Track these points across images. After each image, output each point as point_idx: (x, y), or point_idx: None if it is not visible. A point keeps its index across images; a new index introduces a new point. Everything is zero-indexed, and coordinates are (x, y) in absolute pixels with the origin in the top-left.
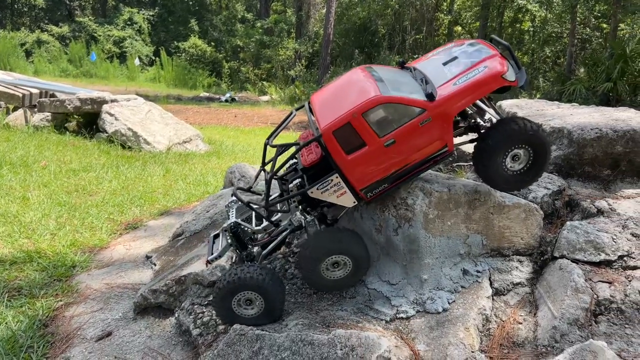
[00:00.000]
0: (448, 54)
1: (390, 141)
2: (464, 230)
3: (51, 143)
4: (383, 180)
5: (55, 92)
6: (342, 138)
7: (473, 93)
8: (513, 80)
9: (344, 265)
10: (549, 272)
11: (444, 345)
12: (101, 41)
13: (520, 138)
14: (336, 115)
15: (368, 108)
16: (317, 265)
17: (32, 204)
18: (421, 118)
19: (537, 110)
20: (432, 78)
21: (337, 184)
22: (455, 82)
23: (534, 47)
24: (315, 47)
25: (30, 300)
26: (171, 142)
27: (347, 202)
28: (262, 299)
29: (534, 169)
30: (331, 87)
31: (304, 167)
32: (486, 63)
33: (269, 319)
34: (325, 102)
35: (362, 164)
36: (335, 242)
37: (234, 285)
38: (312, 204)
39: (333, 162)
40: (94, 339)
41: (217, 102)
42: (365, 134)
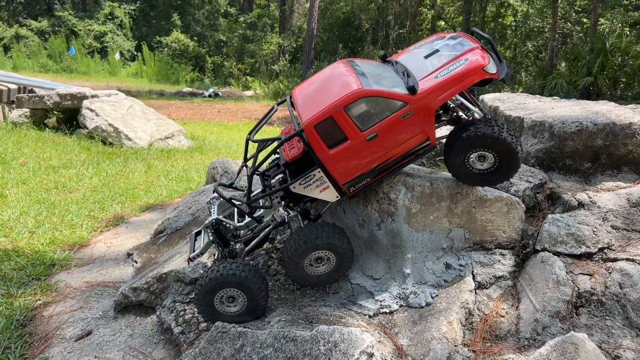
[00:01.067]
0: (429, 47)
1: (372, 135)
2: (447, 224)
3: (30, 139)
4: (366, 174)
5: (34, 88)
6: (324, 132)
7: (455, 86)
8: (494, 72)
9: (328, 261)
10: (530, 265)
11: (427, 340)
12: (82, 36)
13: (481, 143)
14: (318, 109)
15: (350, 102)
16: (301, 260)
17: (10, 201)
18: (403, 111)
19: (519, 104)
20: (414, 71)
21: (319, 178)
22: (437, 75)
23: (516, 41)
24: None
25: (8, 300)
26: (153, 138)
27: (330, 196)
28: (245, 296)
29: (500, 172)
30: (313, 81)
31: (286, 162)
32: (467, 56)
33: (251, 316)
34: (307, 96)
35: (345, 158)
36: (319, 237)
37: (216, 282)
38: (295, 199)
39: (315, 156)
40: (74, 339)
41: (200, 98)
42: (347, 128)
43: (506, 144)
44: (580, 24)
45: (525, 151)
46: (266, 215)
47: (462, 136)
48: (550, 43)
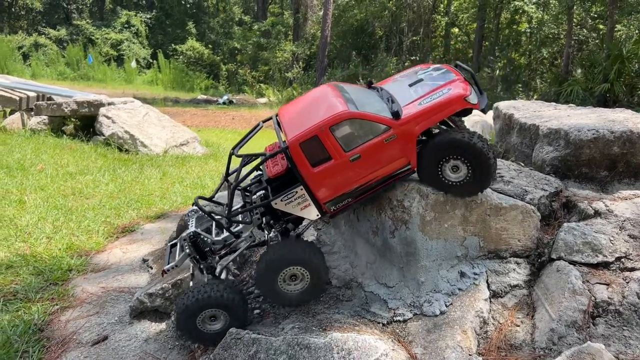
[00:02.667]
0: (414, 76)
1: (355, 156)
2: (461, 232)
3: (48, 146)
4: (347, 194)
5: (52, 95)
6: (308, 150)
7: (437, 113)
8: (475, 103)
9: (302, 279)
10: (546, 274)
11: (441, 349)
12: (98, 44)
13: (452, 151)
14: (304, 128)
15: (335, 122)
16: (275, 277)
17: (29, 207)
18: (386, 135)
19: (534, 112)
20: (398, 98)
21: (301, 196)
22: (420, 102)
23: (530, 48)
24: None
25: (26, 305)
26: (168, 145)
27: (311, 214)
28: (227, 314)
29: (475, 181)
30: (299, 102)
31: (269, 178)
32: (450, 86)
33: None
34: (294, 116)
35: (327, 177)
36: (291, 252)
37: (198, 305)
38: (275, 216)
39: (298, 174)
40: (90, 344)
41: (215, 105)
42: (332, 148)
43: (477, 150)
44: (596, 30)
45: (540, 159)
46: (245, 231)
47: (432, 144)
48: (566, 50)
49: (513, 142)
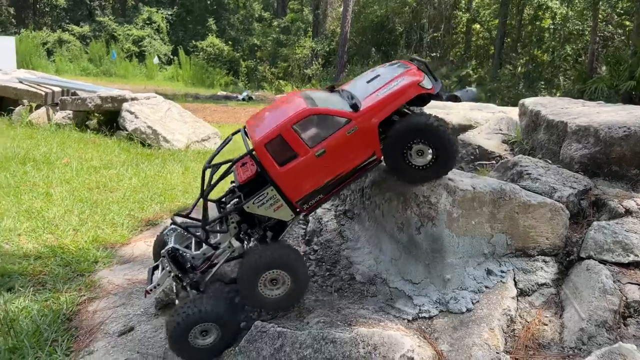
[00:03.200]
0: (372, 73)
1: (320, 151)
2: (488, 229)
3: (73, 140)
4: (318, 190)
5: (77, 91)
6: (274, 150)
7: (394, 101)
8: (430, 87)
9: (283, 283)
10: (575, 273)
11: (467, 346)
12: (121, 40)
13: (415, 134)
14: (267, 129)
15: (297, 120)
16: (255, 280)
17: (55, 200)
18: (348, 127)
19: (562, 108)
20: (358, 94)
21: (272, 197)
22: (378, 93)
23: (554, 44)
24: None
25: (55, 295)
26: (190, 140)
27: (285, 215)
28: (219, 329)
29: (439, 163)
30: (265, 110)
31: (240, 184)
32: (404, 76)
33: (225, 344)
34: (259, 123)
35: (296, 175)
36: (272, 254)
37: (190, 320)
38: (252, 223)
39: (267, 174)
40: (117, 334)
41: (234, 101)
42: (296, 145)
43: (438, 131)
44: (622, 27)
45: (568, 156)
46: (223, 242)
47: (394, 130)
48: (591, 46)
49: (540, 139)
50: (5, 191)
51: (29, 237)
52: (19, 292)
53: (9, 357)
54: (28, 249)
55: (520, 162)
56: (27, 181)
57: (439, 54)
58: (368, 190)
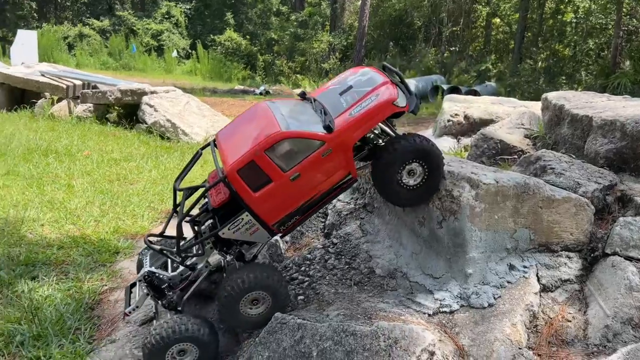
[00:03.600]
0: (344, 83)
1: (295, 175)
2: (512, 224)
3: (93, 133)
4: (293, 212)
5: (97, 84)
6: (247, 176)
7: (368, 122)
8: (404, 106)
9: (263, 302)
10: (600, 270)
11: (489, 341)
12: (140, 34)
13: (412, 153)
14: (239, 154)
15: (269, 144)
16: (236, 304)
17: (77, 191)
18: (322, 150)
19: (586, 102)
20: (330, 109)
21: (248, 222)
22: (351, 112)
23: (576, 39)
24: (350, 39)
25: (77, 284)
26: (208, 133)
27: (262, 238)
28: (198, 349)
29: (430, 181)
30: (235, 124)
31: (214, 207)
32: (378, 91)
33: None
34: (229, 140)
35: (270, 200)
36: (252, 278)
37: (168, 340)
38: (228, 243)
39: (241, 200)
40: (138, 323)
41: (252, 95)
42: (270, 170)
43: (433, 150)
44: None
45: (593, 151)
46: (199, 262)
47: (393, 150)
48: (615, 40)
49: (563, 133)
50: (28, 182)
51: (52, 227)
52: (42, 280)
53: (34, 344)
54: (51, 238)
55: (543, 156)
56: (49, 173)
57: (458, 48)
58: None
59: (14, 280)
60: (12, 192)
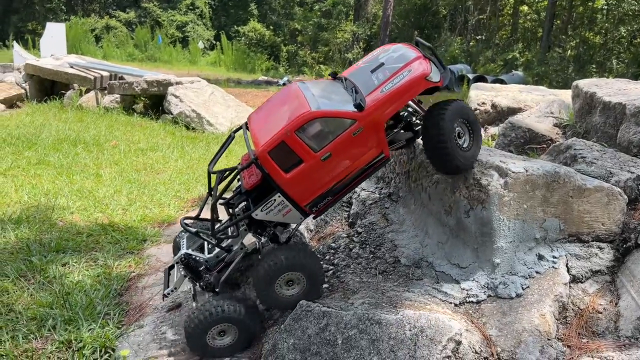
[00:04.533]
0: (375, 60)
1: (326, 155)
2: (541, 213)
3: (120, 123)
4: (325, 193)
5: (124, 75)
6: (278, 157)
7: (400, 98)
8: (438, 81)
9: (298, 283)
10: (632, 261)
11: (517, 332)
12: (165, 26)
13: (459, 114)
14: (270, 135)
15: (300, 125)
16: (272, 285)
17: (105, 180)
18: (353, 129)
19: (619, 90)
20: (361, 87)
21: (280, 203)
22: (382, 89)
23: (607, 26)
24: (374, 29)
25: (106, 271)
26: (233, 124)
27: (294, 219)
28: (237, 328)
29: (475, 141)
30: (266, 106)
31: (247, 190)
32: (410, 67)
33: (244, 344)
34: (260, 123)
35: (302, 181)
36: (287, 258)
37: (210, 321)
38: (262, 225)
39: (273, 182)
40: (165, 309)
41: (275, 86)
42: (301, 151)
43: (470, 109)
44: None
45: (627, 140)
46: (235, 244)
47: (444, 115)
48: None
49: (595, 122)
50: (58, 171)
51: (82, 215)
52: (73, 267)
53: (65, 328)
54: (81, 226)
55: (574, 145)
56: (78, 162)
57: (484, 37)
58: (414, 173)
59: (45, 266)
60: (43, 181)
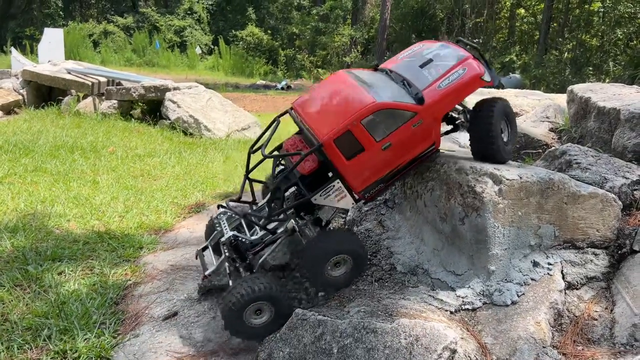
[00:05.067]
0: (421, 55)
1: (386, 144)
2: (535, 220)
3: (118, 129)
4: (379, 180)
5: (122, 81)
6: (342, 145)
7: (458, 95)
8: (489, 80)
9: (345, 264)
10: (627, 267)
11: (513, 339)
12: (163, 31)
13: (504, 112)
14: (334, 124)
15: (366, 115)
16: (321, 268)
17: (102, 187)
18: (413, 121)
19: (613, 94)
20: (413, 81)
21: (338, 189)
22: (439, 84)
23: (604, 28)
24: (371, 32)
25: (102, 279)
26: (230, 129)
27: (347, 204)
28: (273, 307)
29: (512, 134)
30: (315, 93)
31: (302, 175)
32: (464, 65)
33: (278, 325)
34: (314, 109)
35: (361, 168)
36: (337, 243)
37: (248, 299)
38: (308, 209)
39: (334, 168)
40: (161, 318)
41: (274, 90)
42: (364, 140)
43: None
44: None
45: (621, 145)
46: (280, 227)
47: (492, 111)
48: None
49: (590, 127)
50: (55, 178)
51: (78, 222)
52: (69, 275)
53: (60, 338)
54: (77, 234)
55: (569, 150)
56: (75, 169)
57: (481, 40)
58: (410, 180)
59: (41, 275)
60: (39, 188)
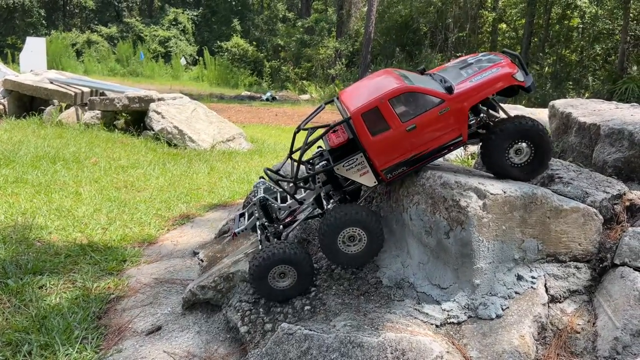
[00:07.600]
0: (464, 61)
1: (411, 126)
2: (519, 234)
3: (101, 140)
4: (402, 163)
5: (105, 91)
6: (369, 120)
7: (487, 88)
8: (522, 80)
9: (360, 240)
10: (608, 280)
11: (497, 353)
12: (147, 41)
13: (520, 133)
14: (364, 100)
15: (394, 95)
16: (335, 237)
17: (84, 199)
18: (440, 107)
19: (593, 110)
20: (450, 78)
21: (361, 162)
22: (471, 79)
23: (583, 44)
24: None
25: (85, 293)
26: (215, 140)
27: (369, 181)
28: (295, 271)
29: (536, 161)
30: (360, 84)
31: (331, 148)
32: (498, 66)
33: (300, 289)
34: (354, 94)
35: (384, 146)
36: (350, 213)
37: (271, 261)
38: (336, 185)
39: (359, 142)
40: (145, 333)
41: (258, 101)
42: (390, 118)
43: (540, 131)
44: None
45: (601, 160)
46: (307, 198)
47: (501, 130)
48: (621, 46)
49: (571, 142)
50: (36, 190)
51: (60, 235)
52: (50, 289)
53: (41, 354)
54: (59, 246)
55: (551, 165)
56: (57, 180)
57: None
58: (395, 194)
59: (22, 289)
60: (20, 199)
